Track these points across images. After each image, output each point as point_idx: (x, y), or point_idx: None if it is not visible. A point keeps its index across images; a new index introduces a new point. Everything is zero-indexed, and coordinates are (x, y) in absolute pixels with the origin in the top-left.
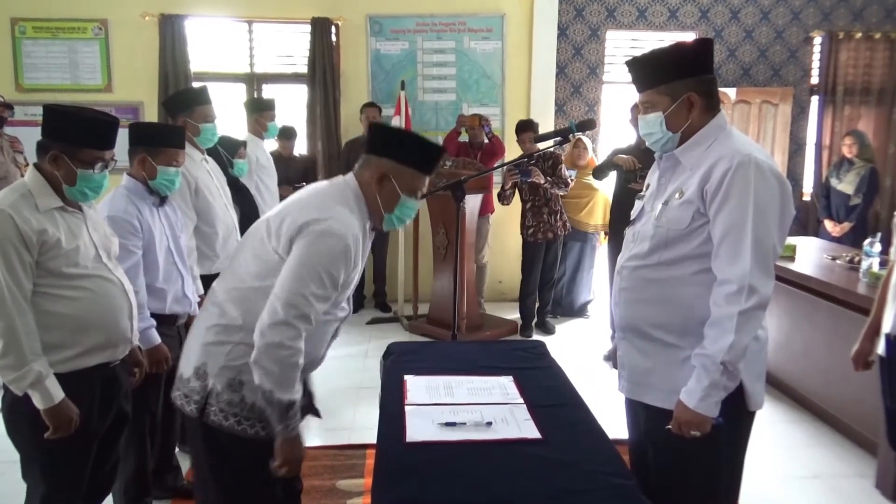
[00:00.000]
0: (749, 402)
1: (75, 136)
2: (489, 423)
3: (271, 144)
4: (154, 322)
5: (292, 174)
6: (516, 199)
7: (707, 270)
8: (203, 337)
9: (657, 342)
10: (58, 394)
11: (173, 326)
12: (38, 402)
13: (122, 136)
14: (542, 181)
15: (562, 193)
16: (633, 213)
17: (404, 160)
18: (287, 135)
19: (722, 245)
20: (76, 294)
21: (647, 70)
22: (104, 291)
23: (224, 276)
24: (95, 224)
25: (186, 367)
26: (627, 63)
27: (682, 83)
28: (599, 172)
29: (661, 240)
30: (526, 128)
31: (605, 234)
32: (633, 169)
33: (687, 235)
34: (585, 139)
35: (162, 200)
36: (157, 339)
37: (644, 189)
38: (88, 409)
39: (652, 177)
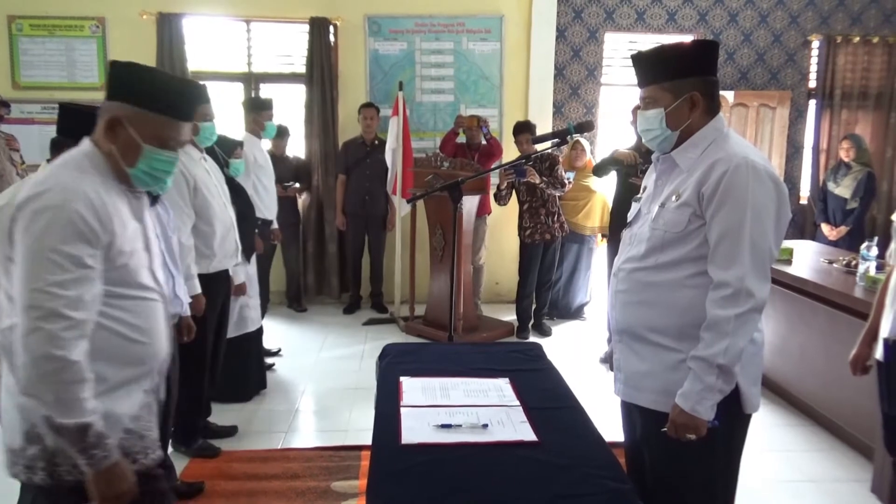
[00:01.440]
0: (745, 406)
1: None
2: (485, 426)
3: (266, 143)
4: None
5: (282, 173)
6: (513, 200)
7: (703, 273)
8: (14, 398)
9: (653, 345)
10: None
11: None
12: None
13: None
14: (538, 181)
15: (558, 194)
16: (630, 216)
17: (142, 102)
18: (280, 134)
19: (718, 248)
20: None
21: (653, 65)
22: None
23: None
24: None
25: (13, 437)
26: (633, 57)
27: (686, 81)
28: (600, 170)
29: (658, 242)
30: (523, 129)
31: (603, 236)
32: (634, 163)
33: (683, 238)
34: (583, 141)
35: (154, 200)
36: None
37: (641, 191)
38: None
39: (648, 179)
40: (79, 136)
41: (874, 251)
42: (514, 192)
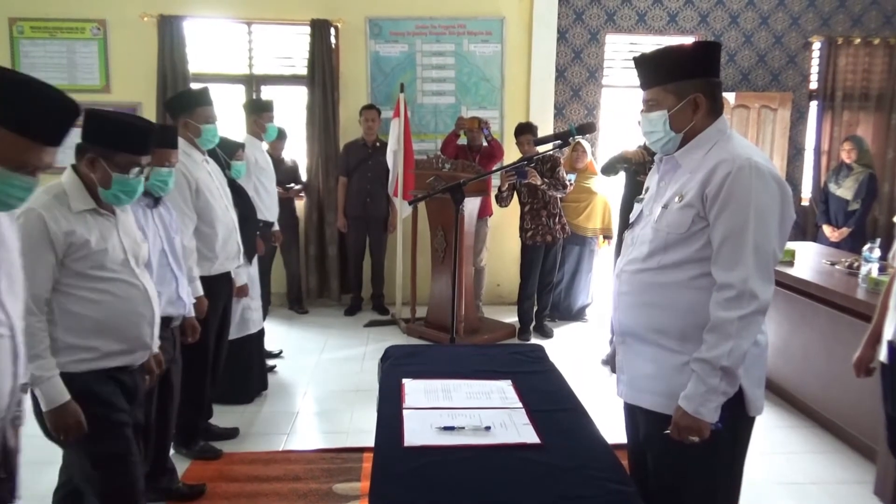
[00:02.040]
0: (749, 408)
1: (112, 140)
2: (488, 428)
3: (264, 145)
4: None
5: (282, 176)
6: (515, 201)
7: (706, 275)
8: None
9: (656, 346)
10: (59, 397)
11: (167, 329)
12: (42, 405)
13: None
14: (539, 182)
15: (560, 195)
16: (633, 217)
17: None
18: (277, 136)
19: (722, 249)
20: (99, 297)
21: (655, 67)
22: (127, 296)
23: None
24: (127, 229)
25: None
26: (635, 59)
27: (689, 83)
28: (609, 169)
29: (661, 243)
30: (524, 130)
31: (605, 238)
32: (642, 161)
33: (686, 239)
34: (584, 142)
35: (156, 201)
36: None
37: (643, 192)
38: (108, 406)
39: (651, 180)
40: (102, 142)
41: (876, 253)
42: (515, 193)
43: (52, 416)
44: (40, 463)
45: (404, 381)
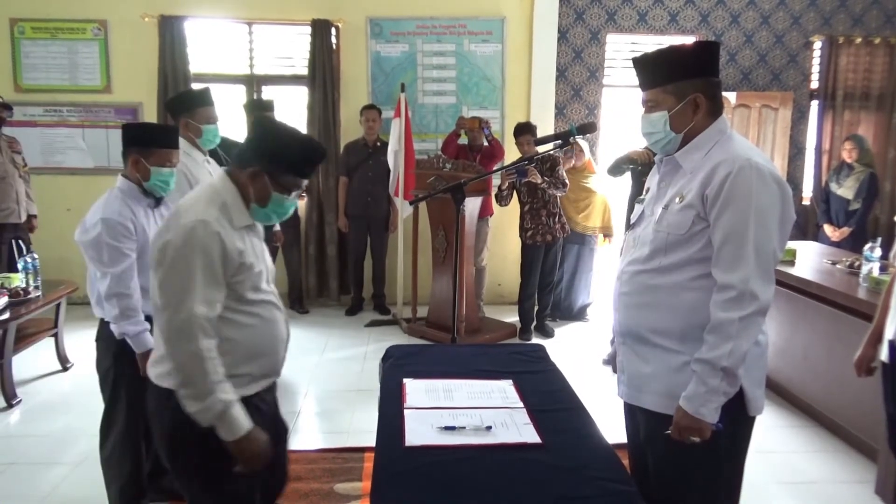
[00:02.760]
0: (749, 408)
1: (289, 162)
2: (489, 428)
3: None
4: (147, 325)
5: None
6: (515, 201)
7: (707, 275)
8: None
9: (657, 347)
10: (245, 423)
11: None
12: (225, 434)
13: (117, 138)
14: (539, 181)
15: (560, 194)
16: (633, 217)
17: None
18: None
19: (722, 250)
20: (251, 321)
21: (655, 68)
22: (273, 318)
23: None
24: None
25: None
26: (634, 60)
27: (689, 83)
28: (615, 170)
29: (662, 244)
30: (524, 130)
31: (605, 236)
32: (648, 162)
33: (687, 240)
34: (581, 141)
35: (157, 202)
36: (151, 342)
37: (644, 192)
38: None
39: (652, 181)
40: (278, 162)
41: (877, 252)
42: (514, 193)
43: (241, 445)
44: (39, 464)
45: (405, 380)
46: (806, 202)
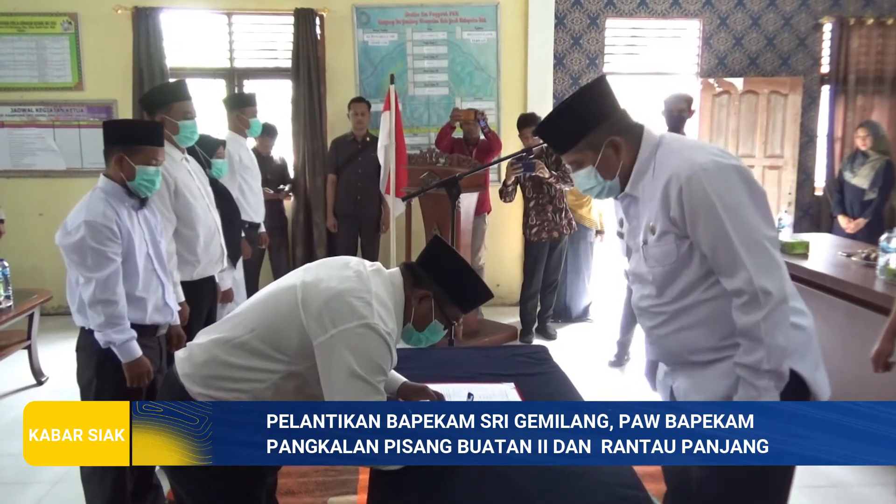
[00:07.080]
0: (815, 393)
1: (461, 294)
2: None
3: (251, 142)
4: (134, 333)
5: (270, 175)
6: (518, 196)
7: (716, 283)
8: None
9: (700, 364)
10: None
11: (154, 337)
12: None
13: (98, 136)
14: (547, 175)
15: (567, 188)
16: (622, 252)
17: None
18: (267, 132)
19: (716, 259)
20: None
21: (558, 134)
22: None
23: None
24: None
25: None
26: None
27: (596, 133)
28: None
29: (661, 278)
30: (528, 122)
31: (597, 233)
32: None
33: (683, 263)
34: None
35: (142, 203)
36: (138, 351)
37: (619, 225)
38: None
39: (619, 214)
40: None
41: (894, 243)
42: (519, 188)
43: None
44: (15, 483)
45: None
46: (819, 192)
